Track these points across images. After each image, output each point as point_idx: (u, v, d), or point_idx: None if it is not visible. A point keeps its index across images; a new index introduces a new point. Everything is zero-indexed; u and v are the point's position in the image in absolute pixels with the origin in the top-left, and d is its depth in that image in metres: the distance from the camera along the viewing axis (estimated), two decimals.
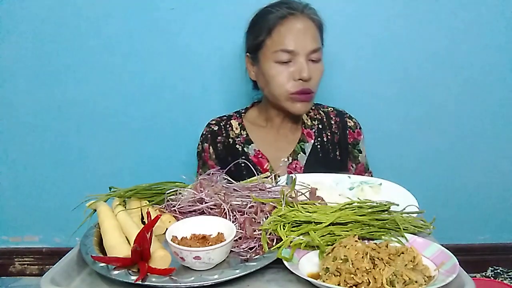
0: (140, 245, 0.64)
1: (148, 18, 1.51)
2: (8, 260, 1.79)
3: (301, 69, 1.06)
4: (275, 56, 1.08)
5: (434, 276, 0.62)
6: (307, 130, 1.21)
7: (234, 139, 1.22)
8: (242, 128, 1.23)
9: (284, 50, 1.06)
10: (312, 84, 1.09)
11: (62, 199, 1.70)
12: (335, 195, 0.91)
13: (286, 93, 1.09)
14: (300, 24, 1.08)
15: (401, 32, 1.51)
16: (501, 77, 1.55)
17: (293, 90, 1.08)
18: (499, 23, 1.50)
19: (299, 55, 1.06)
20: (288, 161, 1.17)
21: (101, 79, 1.57)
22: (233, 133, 1.23)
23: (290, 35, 1.07)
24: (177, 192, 0.87)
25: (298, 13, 1.09)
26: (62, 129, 1.63)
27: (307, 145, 1.18)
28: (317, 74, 1.10)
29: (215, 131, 1.23)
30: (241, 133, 1.23)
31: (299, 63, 1.06)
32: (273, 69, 1.09)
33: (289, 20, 1.08)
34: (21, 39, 1.55)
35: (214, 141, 1.22)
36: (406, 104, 1.57)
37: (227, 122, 1.25)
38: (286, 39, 1.06)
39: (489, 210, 1.68)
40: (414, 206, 0.82)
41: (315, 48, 1.08)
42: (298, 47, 1.06)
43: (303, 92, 1.08)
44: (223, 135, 1.23)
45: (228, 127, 1.24)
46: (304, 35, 1.07)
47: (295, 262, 0.66)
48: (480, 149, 1.62)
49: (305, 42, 1.06)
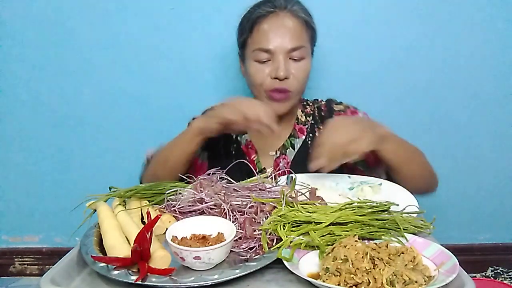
0: (140, 245, 0.64)
1: (148, 18, 1.51)
2: (8, 260, 1.79)
3: (277, 67, 1.04)
4: (254, 55, 1.07)
5: (434, 276, 0.62)
6: (300, 126, 1.19)
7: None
8: None
9: (261, 49, 1.05)
10: (291, 83, 1.06)
11: (62, 199, 1.70)
12: (335, 195, 0.91)
13: (263, 91, 1.08)
14: (280, 22, 1.06)
15: (401, 32, 1.51)
16: (501, 77, 1.55)
17: (268, 89, 1.06)
18: (499, 24, 1.50)
19: (278, 54, 1.04)
20: (276, 155, 1.16)
21: (101, 79, 1.57)
22: None
23: (268, 34, 1.05)
24: (177, 192, 0.87)
25: (280, 11, 1.07)
26: (62, 129, 1.63)
27: (297, 141, 1.17)
28: (299, 73, 1.07)
29: None
30: None
31: (276, 61, 1.04)
32: (253, 67, 1.08)
33: (269, 18, 1.06)
34: (21, 39, 1.55)
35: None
36: (406, 104, 1.57)
37: None
38: (264, 38, 1.05)
39: (489, 210, 1.68)
40: (414, 206, 0.81)
41: (295, 47, 1.05)
42: (276, 46, 1.04)
43: (278, 91, 1.06)
44: None
45: None
46: (284, 33, 1.05)
47: (295, 262, 0.66)
48: (480, 149, 1.62)
49: (283, 41, 1.04)
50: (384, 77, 1.55)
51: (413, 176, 0.96)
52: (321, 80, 1.52)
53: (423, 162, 1.01)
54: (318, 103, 1.23)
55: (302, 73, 1.08)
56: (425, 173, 1.01)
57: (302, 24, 1.08)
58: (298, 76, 1.07)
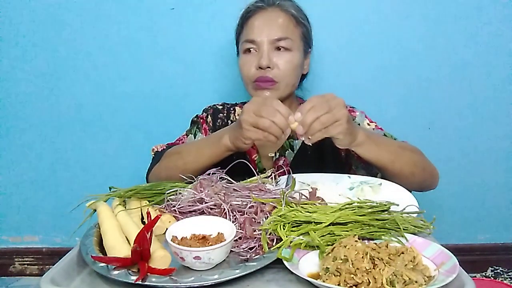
0: (140, 245, 0.64)
1: (148, 18, 1.51)
2: (8, 260, 1.79)
3: (260, 57, 1.07)
4: (242, 47, 1.12)
5: (434, 276, 0.62)
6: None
7: (233, 122, 1.23)
8: None
9: (247, 40, 1.10)
10: (276, 73, 1.08)
11: (62, 199, 1.70)
12: (335, 195, 0.91)
13: (249, 82, 1.11)
14: (267, 16, 1.10)
15: (400, 31, 1.51)
16: (502, 78, 1.55)
17: (253, 79, 1.09)
18: (500, 25, 1.50)
19: (263, 44, 1.08)
20: (275, 157, 1.17)
21: (101, 78, 1.57)
22: (234, 118, 1.24)
23: (254, 26, 1.10)
24: (177, 192, 0.87)
25: (269, 7, 1.11)
26: (62, 129, 1.63)
27: (296, 142, 1.18)
28: (283, 63, 1.08)
29: (218, 109, 1.25)
30: None
31: (260, 51, 1.08)
32: (241, 59, 1.13)
33: (256, 13, 1.11)
34: (22, 39, 1.55)
35: (215, 115, 1.24)
36: (406, 104, 1.58)
37: (231, 107, 1.27)
38: (251, 30, 1.10)
39: (489, 210, 1.68)
40: (414, 206, 0.81)
41: (280, 37, 1.07)
42: (260, 36, 1.08)
43: (262, 80, 1.08)
44: (225, 115, 1.24)
45: (231, 110, 1.26)
46: (269, 25, 1.09)
47: (295, 262, 0.66)
48: (480, 149, 1.62)
49: (269, 32, 1.08)
50: (385, 77, 1.55)
51: (402, 174, 0.96)
52: (322, 81, 1.52)
53: (413, 160, 0.99)
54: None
55: (287, 64, 1.08)
56: (416, 171, 0.99)
57: (289, 18, 1.11)
58: (282, 67, 1.08)
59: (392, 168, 0.95)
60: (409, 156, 0.99)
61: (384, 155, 0.94)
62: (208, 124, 1.22)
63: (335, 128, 0.82)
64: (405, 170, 0.96)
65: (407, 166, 0.97)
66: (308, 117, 0.81)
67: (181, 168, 0.99)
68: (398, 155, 0.96)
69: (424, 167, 1.02)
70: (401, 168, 0.96)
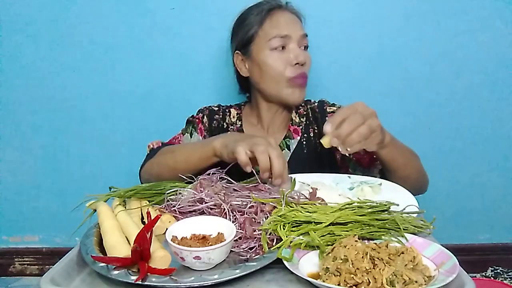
0: (140, 245, 0.64)
1: (148, 18, 1.51)
2: (8, 260, 1.79)
3: (297, 53, 1.08)
4: (270, 44, 1.09)
5: (434, 276, 0.62)
6: (294, 127, 1.19)
7: (228, 125, 1.24)
8: (238, 119, 1.25)
9: (278, 35, 1.09)
10: (307, 69, 1.11)
11: (62, 199, 1.70)
12: (335, 195, 0.91)
13: (284, 79, 1.09)
14: (287, 14, 1.13)
15: (400, 32, 1.51)
16: (502, 77, 1.55)
17: (292, 75, 1.08)
18: (498, 22, 1.50)
19: (292, 40, 1.09)
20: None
21: (101, 79, 1.58)
22: (229, 120, 1.24)
23: (281, 22, 1.11)
24: (177, 192, 0.87)
25: (284, 7, 1.15)
26: (62, 129, 1.63)
27: (293, 142, 1.18)
28: (309, 60, 1.12)
29: (214, 110, 1.25)
30: (236, 122, 1.24)
31: (293, 48, 1.09)
32: (269, 57, 1.10)
33: (277, 11, 1.12)
34: (21, 39, 1.55)
35: (211, 116, 1.24)
36: (406, 104, 1.58)
37: (227, 109, 1.27)
38: (279, 26, 1.10)
39: (489, 210, 1.68)
40: (414, 206, 0.81)
41: (305, 33, 1.12)
42: (291, 32, 1.09)
43: (301, 76, 1.09)
44: (220, 117, 1.24)
45: (227, 112, 1.25)
46: (293, 22, 1.12)
47: (295, 262, 0.66)
48: (480, 149, 1.62)
49: (295, 28, 1.11)
50: (384, 77, 1.55)
51: (408, 179, 0.96)
52: (322, 81, 1.53)
53: (418, 166, 1.02)
54: (311, 104, 1.23)
55: (310, 60, 1.13)
56: (419, 177, 1.02)
57: (300, 20, 1.16)
58: (308, 63, 1.12)
59: (403, 172, 0.96)
60: (416, 161, 1.02)
61: (399, 159, 0.94)
62: (204, 125, 1.22)
63: (372, 140, 0.81)
64: (412, 175, 0.98)
65: (414, 171, 0.99)
66: (343, 129, 0.78)
67: (171, 167, 0.99)
68: (409, 160, 0.98)
69: (423, 173, 1.05)
70: (409, 173, 0.97)
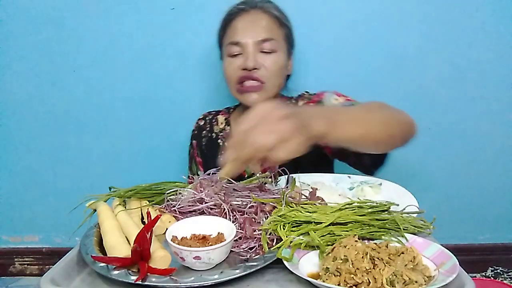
0: (140, 245, 0.64)
1: (148, 18, 1.51)
2: (8, 260, 1.79)
3: (246, 58, 1.06)
4: (227, 50, 1.10)
5: (434, 276, 0.62)
6: None
7: (217, 134, 1.23)
8: (227, 124, 1.24)
9: (232, 42, 1.08)
10: (263, 74, 1.07)
11: (62, 199, 1.70)
12: (335, 195, 0.91)
13: (234, 84, 1.09)
14: (250, 18, 1.09)
15: (399, 32, 1.51)
16: (503, 78, 1.55)
17: (237, 81, 1.08)
18: (501, 26, 1.50)
19: (248, 46, 1.07)
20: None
21: (101, 78, 1.57)
22: (217, 128, 1.24)
23: (238, 28, 1.09)
24: (177, 192, 0.87)
25: (251, 9, 1.10)
26: (62, 129, 1.63)
27: None
28: (269, 64, 1.07)
29: (201, 126, 1.26)
30: (225, 128, 1.24)
31: (246, 53, 1.07)
32: (225, 63, 1.12)
33: (239, 15, 1.10)
34: (21, 39, 1.55)
35: (199, 136, 1.25)
36: (406, 104, 1.57)
37: (214, 117, 1.26)
38: (234, 32, 1.09)
39: (489, 210, 1.68)
40: (414, 206, 0.81)
41: (265, 38, 1.07)
42: (245, 38, 1.07)
43: (247, 78, 1.06)
44: (207, 129, 1.24)
45: (214, 121, 1.25)
46: (253, 26, 1.08)
47: (295, 262, 0.66)
48: (480, 149, 1.62)
49: (253, 33, 1.07)
50: (385, 77, 1.55)
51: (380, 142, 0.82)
52: (323, 81, 1.53)
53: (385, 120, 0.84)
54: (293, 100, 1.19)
55: (273, 65, 1.08)
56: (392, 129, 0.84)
57: (273, 20, 1.11)
58: (269, 68, 1.07)
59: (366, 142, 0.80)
60: (380, 118, 0.84)
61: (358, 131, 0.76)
62: (196, 149, 1.26)
63: (290, 144, 0.61)
64: (381, 135, 0.82)
65: (381, 130, 0.82)
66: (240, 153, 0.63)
67: None
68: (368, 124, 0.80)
69: (398, 120, 0.88)
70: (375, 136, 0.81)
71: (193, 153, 1.27)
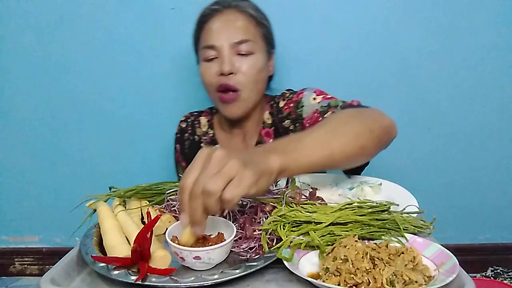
0: (140, 245, 0.64)
1: (148, 18, 1.51)
2: (8, 260, 1.79)
3: (222, 62, 1.01)
4: (202, 54, 1.05)
5: (434, 276, 0.62)
6: (266, 129, 1.12)
7: (200, 137, 1.21)
8: (210, 127, 1.21)
9: (206, 46, 1.03)
10: (240, 79, 1.01)
11: (62, 199, 1.70)
12: (335, 195, 0.91)
13: (212, 90, 1.05)
14: (224, 18, 1.04)
15: (399, 32, 1.51)
16: (503, 79, 1.55)
17: (216, 87, 1.03)
18: (498, 23, 1.50)
19: (223, 49, 1.01)
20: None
21: (101, 78, 1.58)
22: (200, 131, 1.21)
23: (213, 30, 1.03)
24: (177, 192, 0.87)
25: (225, 9, 1.05)
26: (62, 129, 1.63)
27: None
28: (247, 68, 1.01)
29: (183, 128, 1.24)
30: (208, 131, 1.21)
31: (221, 57, 1.01)
32: (202, 67, 1.06)
33: (213, 16, 1.04)
34: (21, 39, 1.55)
35: (182, 140, 1.23)
36: (406, 104, 1.57)
37: (196, 119, 1.23)
38: (209, 35, 1.03)
39: (489, 210, 1.68)
40: (414, 206, 0.81)
41: (241, 40, 1.01)
42: (220, 41, 1.01)
43: (225, 88, 1.01)
44: (189, 132, 1.22)
45: (196, 123, 1.22)
46: (228, 28, 1.02)
47: (295, 262, 0.66)
48: (480, 149, 1.62)
49: (228, 35, 1.01)
50: (385, 77, 1.55)
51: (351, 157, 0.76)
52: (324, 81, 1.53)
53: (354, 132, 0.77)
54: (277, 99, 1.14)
55: (251, 69, 1.02)
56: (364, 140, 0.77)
57: (249, 20, 1.05)
58: (246, 73, 1.02)
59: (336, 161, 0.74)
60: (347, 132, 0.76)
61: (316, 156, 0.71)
62: (179, 153, 1.24)
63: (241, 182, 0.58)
64: (352, 150, 0.75)
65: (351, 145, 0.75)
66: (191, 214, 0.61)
67: None
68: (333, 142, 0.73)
69: (370, 128, 0.79)
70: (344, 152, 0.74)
71: (177, 157, 1.26)
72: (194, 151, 1.14)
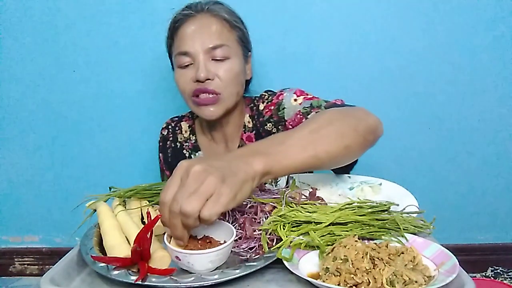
0: (140, 245, 0.64)
1: (148, 18, 1.51)
2: (8, 260, 1.79)
3: (197, 69, 0.98)
4: (176, 61, 1.02)
5: (434, 276, 0.62)
6: (247, 133, 1.11)
7: (182, 143, 1.19)
8: (191, 132, 1.20)
9: (180, 53, 1.00)
10: (217, 84, 0.99)
11: (62, 199, 1.70)
12: (335, 195, 0.91)
13: (188, 97, 1.02)
14: (197, 23, 1.00)
15: (399, 31, 1.51)
16: (503, 79, 1.55)
17: (191, 92, 1.00)
18: (501, 27, 1.50)
19: (198, 55, 0.98)
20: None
21: (101, 78, 1.58)
22: (182, 137, 1.20)
23: (186, 36, 1.00)
24: None
25: (198, 13, 1.02)
26: (62, 129, 1.63)
27: None
28: (223, 74, 0.99)
29: (165, 136, 1.22)
30: (190, 137, 1.19)
31: (196, 63, 0.99)
32: (177, 74, 1.04)
33: (186, 21, 1.01)
34: (21, 39, 1.55)
35: (165, 148, 1.22)
36: (406, 104, 1.58)
37: (176, 124, 1.21)
38: (183, 42, 1.00)
39: (489, 210, 1.68)
40: (414, 206, 0.81)
41: (216, 45, 0.98)
42: (194, 47, 0.98)
43: (201, 92, 0.99)
44: (171, 139, 1.20)
45: (177, 130, 1.21)
46: (201, 33, 0.99)
47: (295, 262, 0.66)
48: (480, 149, 1.62)
49: (201, 41, 0.98)
50: (385, 77, 1.55)
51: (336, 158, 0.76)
52: (326, 81, 1.53)
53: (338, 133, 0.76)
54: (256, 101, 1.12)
55: (228, 73, 1.00)
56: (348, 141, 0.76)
57: (222, 23, 1.02)
58: (223, 77, 0.99)
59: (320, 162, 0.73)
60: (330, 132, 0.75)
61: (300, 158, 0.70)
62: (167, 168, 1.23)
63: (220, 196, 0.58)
64: (336, 150, 0.74)
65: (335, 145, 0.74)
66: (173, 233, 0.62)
67: None
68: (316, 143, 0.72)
69: (355, 127, 0.78)
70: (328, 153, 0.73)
71: (162, 166, 1.24)
72: (178, 159, 1.10)
